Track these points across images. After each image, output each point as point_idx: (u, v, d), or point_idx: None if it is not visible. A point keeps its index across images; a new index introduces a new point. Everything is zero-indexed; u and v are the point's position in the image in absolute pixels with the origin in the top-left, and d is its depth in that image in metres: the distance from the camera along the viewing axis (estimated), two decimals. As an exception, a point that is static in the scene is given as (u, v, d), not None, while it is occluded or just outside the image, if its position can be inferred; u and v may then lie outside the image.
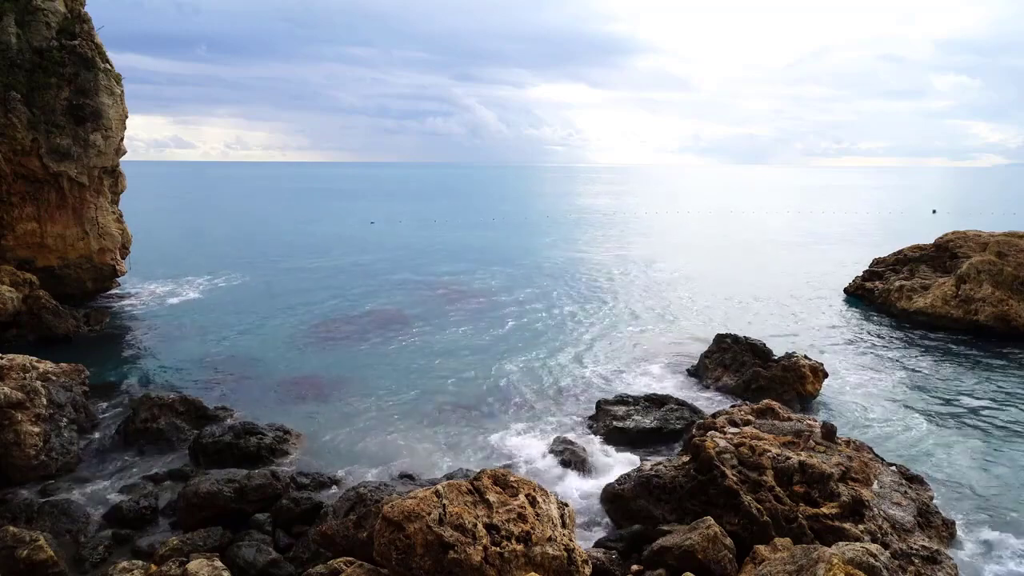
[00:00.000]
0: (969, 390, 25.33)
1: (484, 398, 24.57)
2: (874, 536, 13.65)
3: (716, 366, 26.25)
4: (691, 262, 56.76)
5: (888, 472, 16.53)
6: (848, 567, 10.62)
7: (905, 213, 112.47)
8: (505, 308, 38.80)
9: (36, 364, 20.50)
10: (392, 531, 11.56)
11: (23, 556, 13.35)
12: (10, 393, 18.25)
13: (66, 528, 15.43)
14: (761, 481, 14.75)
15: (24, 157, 34.08)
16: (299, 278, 47.85)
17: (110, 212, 38.75)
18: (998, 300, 32.69)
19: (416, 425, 22.09)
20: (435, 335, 32.86)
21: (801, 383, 24.07)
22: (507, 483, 12.80)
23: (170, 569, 12.84)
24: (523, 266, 53.93)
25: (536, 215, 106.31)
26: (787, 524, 13.98)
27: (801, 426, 17.50)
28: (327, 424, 22.04)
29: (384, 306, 39.15)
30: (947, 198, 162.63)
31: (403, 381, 26.15)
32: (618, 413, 21.46)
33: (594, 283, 46.81)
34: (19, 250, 35.17)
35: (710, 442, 15.69)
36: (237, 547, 14.40)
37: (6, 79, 33.09)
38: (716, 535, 13.40)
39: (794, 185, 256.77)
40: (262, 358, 28.95)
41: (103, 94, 36.02)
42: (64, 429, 19.30)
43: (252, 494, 16.21)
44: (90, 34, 36.49)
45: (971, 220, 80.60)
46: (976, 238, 38.57)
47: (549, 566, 11.62)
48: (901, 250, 42.24)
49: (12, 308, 30.35)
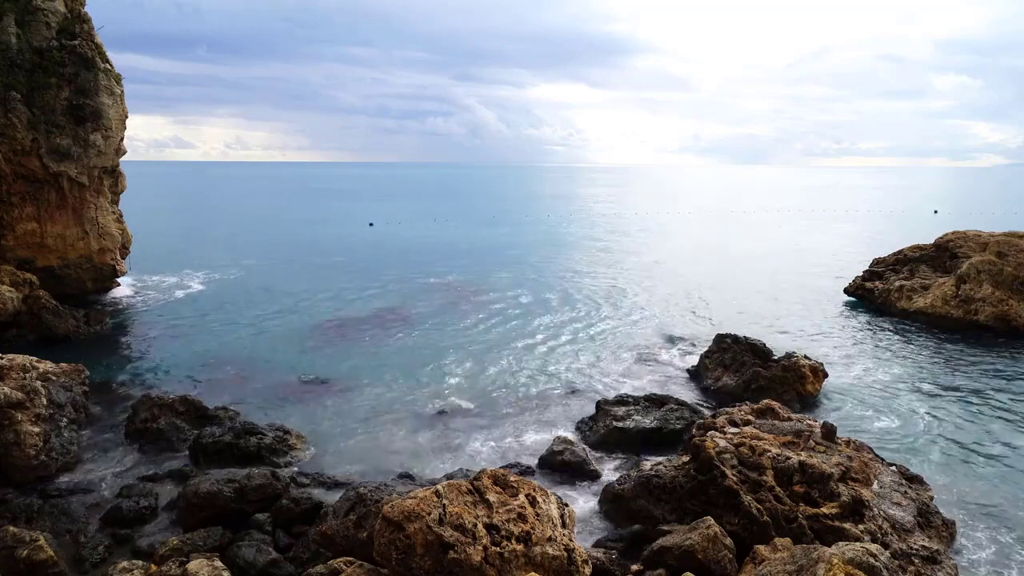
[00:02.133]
0: (969, 390, 25.33)
1: (484, 398, 24.58)
2: (874, 536, 13.65)
3: (716, 366, 26.25)
4: (691, 262, 56.82)
5: (888, 472, 16.52)
6: (848, 567, 10.62)
7: (905, 213, 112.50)
8: (505, 308, 38.83)
9: (36, 364, 20.52)
10: (392, 531, 11.56)
11: (23, 556, 13.35)
12: (10, 393, 18.25)
13: (66, 528, 15.45)
14: (761, 481, 14.76)
15: (24, 157, 34.11)
16: (299, 278, 47.87)
17: (110, 212, 38.78)
18: (998, 300, 32.70)
19: (416, 425, 22.11)
20: (435, 335, 32.88)
21: (801, 383, 24.09)
22: (507, 483, 12.81)
23: (170, 569, 12.84)
24: (523, 266, 53.96)
25: (536, 215, 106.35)
26: (787, 524, 13.98)
27: (801, 426, 17.50)
28: (327, 424, 22.05)
29: (384, 306, 39.16)
30: (947, 198, 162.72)
31: (403, 381, 26.17)
32: (618, 413, 21.46)
33: (594, 283, 46.83)
34: (19, 250, 35.20)
35: (710, 442, 15.69)
36: (237, 547, 14.40)
37: (6, 79, 33.11)
38: (716, 535, 13.40)
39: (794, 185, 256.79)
40: (262, 358, 28.96)
41: (103, 94, 36.05)
42: (64, 429, 19.30)
43: (252, 494, 16.21)
44: (90, 34, 36.52)
45: (971, 220, 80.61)
46: (976, 238, 38.57)
47: (549, 566, 11.62)
48: (901, 250, 42.24)
49: (12, 308, 30.36)
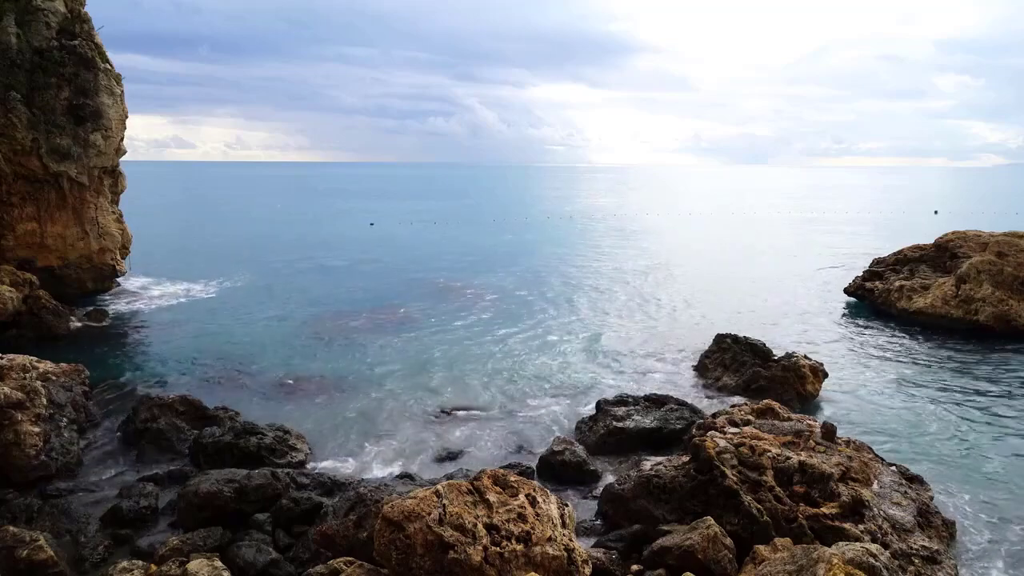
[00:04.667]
0: (969, 390, 25.32)
1: (484, 398, 24.59)
2: (874, 536, 13.65)
3: (716, 366, 26.25)
4: (691, 262, 56.80)
5: (888, 472, 16.52)
6: (848, 567, 10.62)
7: (905, 213, 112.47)
8: (504, 308, 38.82)
9: (36, 364, 20.51)
10: (392, 531, 11.56)
11: (23, 556, 13.34)
12: (10, 393, 18.24)
13: (66, 528, 15.43)
14: (761, 481, 14.76)
15: (24, 157, 34.09)
16: (299, 278, 47.87)
17: (110, 212, 38.78)
18: (998, 300, 32.68)
19: (416, 425, 22.12)
20: (435, 335, 32.88)
21: (801, 383, 24.09)
22: (507, 483, 12.81)
23: (170, 569, 12.84)
24: (523, 266, 53.95)
25: (536, 215, 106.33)
26: (787, 524, 13.98)
27: (801, 426, 17.51)
28: (327, 424, 22.05)
29: (384, 306, 39.16)
30: (947, 198, 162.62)
31: (403, 381, 26.17)
32: (618, 413, 21.45)
33: (594, 283, 46.82)
34: (19, 250, 35.17)
35: (710, 442, 15.69)
36: (237, 547, 14.39)
37: (6, 79, 33.09)
38: (716, 535, 13.40)
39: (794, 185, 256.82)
40: (263, 358, 28.95)
41: (103, 94, 36.03)
42: (64, 429, 19.29)
43: (252, 494, 16.21)
44: (90, 34, 36.50)
45: (971, 220, 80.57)
46: (976, 238, 38.54)
47: (549, 566, 11.61)
48: (901, 250, 42.21)
49: (12, 308, 30.34)
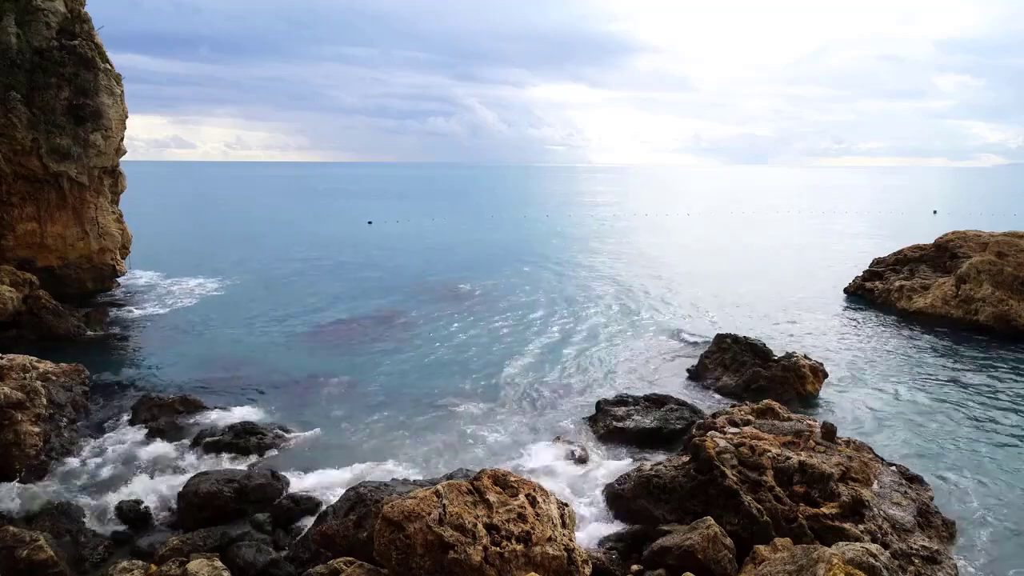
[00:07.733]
0: (969, 390, 25.32)
1: (484, 398, 24.56)
2: (874, 536, 13.65)
3: (716, 366, 26.25)
4: (691, 262, 56.78)
5: (888, 472, 16.53)
6: (848, 567, 10.62)
7: (905, 213, 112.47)
8: (504, 308, 38.81)
9: (36, 364, 20.51)
10: (392, 531, 11.56)
11: (23, 556, 13.34)
12: (10, 393, 18.24)
13: (66, 528, 15.41)
14: (761, 481, 14.76)
15: (24, 157, 34.11)
16: (299, 278, 47.85)
17: (110, 212, 38.80)
18: (998, 300, 32.69)
19: (416, 425, 22.09)
20: (435, 335, 32.87)
21: (801, 383, 24.09)
22: (507, 483, 12.81)
23: (170, 569, 12.84)
24: (523, 266, 53.92)
25: (536, 215, 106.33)
26: (787, 524, 13.98)
27: (801, 426, 17.51)
28: (327, 424, 22.02)
29: (384, 306, 39.15)
30: (947, 198, 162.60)
31: (403, 381, 26.16)
32: (618, 413, 21.46)
33: (594, 283, 46.80)
34: (19, 250, 35.20)
35: (710, 442, 15.69)
36: (237, 547, 14.40)
37: (6, 79, 33.10)
38: (716, 535, 13.40)
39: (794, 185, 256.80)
40: (262, 358, 28.94)
41: (103, 94, 36.05)
42: (64, 429, 19.31)
43: (252, 494, 16.22)
44: (90, 34, 36.51)
45: (971, 220, 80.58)
46: (976, 238, 38.57)
47: (549, 566, 11.62)
48: (901, 250, 42.24)
49: (12, 308, 30.34)
